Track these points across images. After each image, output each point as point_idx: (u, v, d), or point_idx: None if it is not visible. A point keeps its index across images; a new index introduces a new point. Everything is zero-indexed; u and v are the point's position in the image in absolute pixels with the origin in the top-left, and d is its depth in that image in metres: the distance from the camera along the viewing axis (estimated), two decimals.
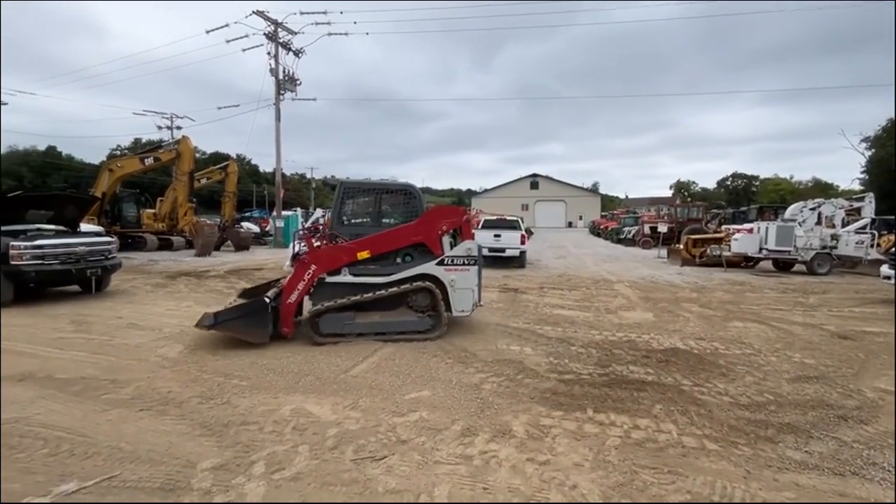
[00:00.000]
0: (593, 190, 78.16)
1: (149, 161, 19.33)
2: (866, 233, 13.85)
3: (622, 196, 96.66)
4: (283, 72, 23.86)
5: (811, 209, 14.20)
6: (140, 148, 39.20)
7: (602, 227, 37.24)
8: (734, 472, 2.84)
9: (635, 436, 3.31)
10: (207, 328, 5.19)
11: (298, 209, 33.46)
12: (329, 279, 5.69)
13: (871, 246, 13.72)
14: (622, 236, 28.29)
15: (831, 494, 2.62)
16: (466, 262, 5.93)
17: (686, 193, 74.70)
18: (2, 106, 30.32)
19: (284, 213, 26.37)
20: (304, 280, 5.57)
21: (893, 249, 12.08)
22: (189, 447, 3.08)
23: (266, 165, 73.28)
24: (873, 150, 33.85)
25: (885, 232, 19.32)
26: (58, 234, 8.59)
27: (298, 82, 24.42)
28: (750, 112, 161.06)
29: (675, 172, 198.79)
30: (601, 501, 2.53)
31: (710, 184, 71.79)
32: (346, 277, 5.73)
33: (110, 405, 3.74)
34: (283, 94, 23.99)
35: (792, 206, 15.23)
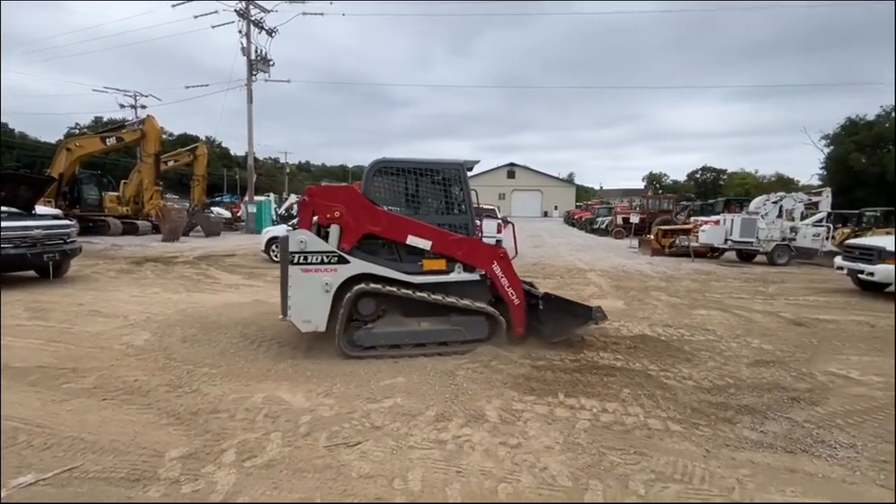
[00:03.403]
0: (569, 180, 79.13)
1: (111, 141, 18.46)
2: (823, 226, 14.61)
3: (597, 187, 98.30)
4: (256, 51, 23.02)
5: (773, 202, 14.79)
6: (101, 127, 37.15)
7: (577, 217, 37.79)
8: (695, 452, 2.98)
9: (604, 419, 3.42)
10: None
11: (272, 194, 32.65)
12: None
13: (827, 238, 14.53)
14: (596, 226, 28.82)
15: (783, 471, 2.78)
16: None
17: (658, 185, 76.52)
18: None
19: (257, 198, 25.71)
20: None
21: (847, 242, 12.77)
22: (156, 436, 2.99)
23: (237, 149, 71.07)
24: (832, 148, 35.50)
25: (840, 225, 20.48)
26: (11, 216, 8.10)
27: (271, 63, 23.67)
28: (721, 107, 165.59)
29: (648, 165, 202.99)
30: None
31: (681, 177, 73.82)
32: None
33: (70, 395, 3.60)
34: (255, 75, 23.18)
35: (755, 200, 15.81)
